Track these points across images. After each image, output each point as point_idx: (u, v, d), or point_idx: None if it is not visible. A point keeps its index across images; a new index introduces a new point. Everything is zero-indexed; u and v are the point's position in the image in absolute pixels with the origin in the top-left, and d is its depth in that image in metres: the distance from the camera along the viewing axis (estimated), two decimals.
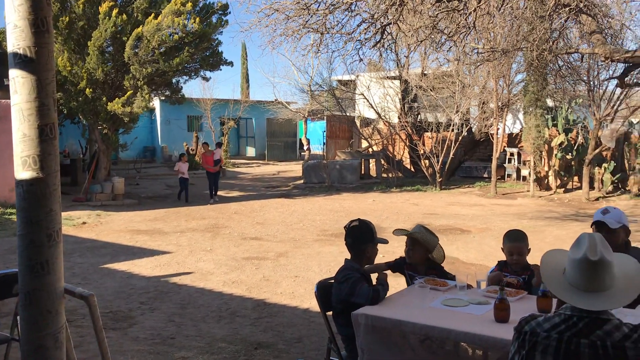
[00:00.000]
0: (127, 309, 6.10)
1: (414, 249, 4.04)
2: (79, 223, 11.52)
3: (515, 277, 3.81)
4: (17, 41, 2.93)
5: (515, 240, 3.87)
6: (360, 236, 3.77)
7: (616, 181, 15.95)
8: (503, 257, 3.97)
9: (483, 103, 18.54)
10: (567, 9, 7.72)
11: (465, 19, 7.52)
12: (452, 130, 18.02)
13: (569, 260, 2.20)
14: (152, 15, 13.99)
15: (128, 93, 14.29)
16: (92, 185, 14.98)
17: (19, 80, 2.99)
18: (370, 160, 20.68)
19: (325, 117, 24.11)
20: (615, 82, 12.71)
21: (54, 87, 3.10)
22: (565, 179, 16.83)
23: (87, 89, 14.00)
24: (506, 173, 19.31)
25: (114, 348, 4.81)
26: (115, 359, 4.55)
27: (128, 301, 6.40)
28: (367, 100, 19.57)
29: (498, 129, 17.89)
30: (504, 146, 19.35)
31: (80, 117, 16.02)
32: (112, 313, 5.93)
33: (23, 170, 2.98)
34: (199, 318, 5.80)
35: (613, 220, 3.64)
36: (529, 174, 16.61)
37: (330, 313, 3.80)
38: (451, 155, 17.90)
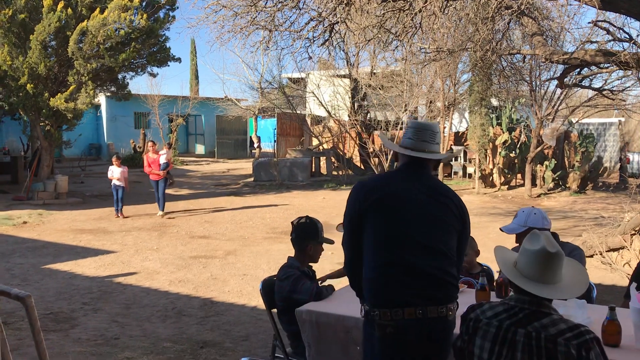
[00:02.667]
0: (69, 310, 5.93)
1: None
2: (20, 222, 11.12)
3: (469, 280, 3.86)
4: None
5: None
6: (305, 234, 3.78)
7: (557, 178, 16.55)
8: None
9: (430, 102, 18.89)
10: (509, 10, 7.95)
11: (412, 19, 7.64)
12: (401, 128, 18.29)
13: (523, 253, 2.29)
14: (98, 9, 13.61)
15: (71, 88, 13.87)
16: (34, 184, 14.45)
17: None
18: (321, 158, 20.75)
19: (275, 115, 24.06)
20: (555, 82, 13.18)
21: None
22: (509, 176, 17.34)
23: (29, 84, 13.50)
24: (452, 170, 19.73)
25: (55, 350, 4.68)
26: None
27: (70, 302, 6.23)
28: (318, 99, 19.63)
29: (445, 127, 18.26)
30: (451, 144, 19.77)
31: (21, 113, 15.46)
32: (54, 314, 5.77)
33: None
34: (144, 318, 5.70)
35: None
36: (474, 171, 17.03)
37: (275, 310, 3.80)
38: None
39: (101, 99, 26.45)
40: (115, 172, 11.99)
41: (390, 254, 2.59)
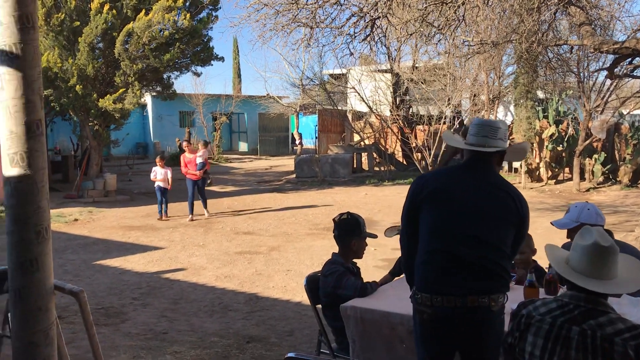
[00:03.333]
0: (119, 305, 6.11)
1: None
2: (71, 220, 11.49)
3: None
4: (3, 38, 2.92)
5: None
6: (348, 230, 3.79)
7: (607, 172, 16.05)
8: None
9: (474, 95, 18.58)
10: (555, 0, 7.75)
11: (455, 12, 7.54)
12: (444, 122, 18.06)
13: (575, 249, 2.24)
14: (143, 11, 13.93)
15: (120, 90, 14.24)
16: (84, 182, 14.92)
17: (5, 78, 2.98)
18: (362, 154, 20.69)
19: (317, 111, 24.11)
20: (604, 73, 12.77)
21: (40, 84, 3.09)
22: (557, 170, 16.91)
23: (78, 86, 13.93)
24: None
25: (106, 344, 4.83)
26: (108, 354, 4.56)
27: (120, 297, 6.41)
28: (359, 94, 19.57)
29: None
30: None
31: (71, 113, 15.96)
32: (104, 309, 5.94)
33: (11, 167, 2.98)
34: (192, 313, 5.82)
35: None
36: (521, 165, 16.67)
37: (320, 306, 3.82)
38: (443, 148, 17.95)
39: (147, 98, 27.07)
40: (158, 174, 11.74)
41: (438, 242, 2.69)
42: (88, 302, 3.31)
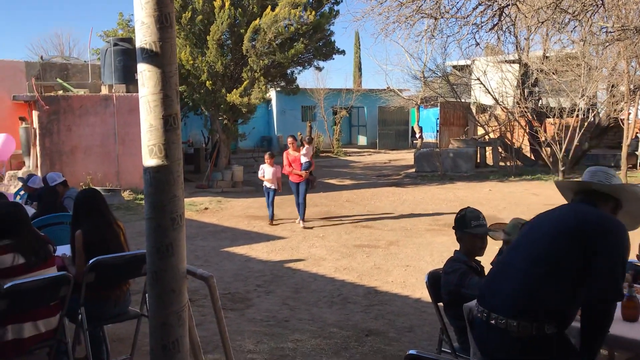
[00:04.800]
0: (244, 291, 6.38)
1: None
2: (202, 208, 12.19)
3: None
4: (144, 37, 3.12)
5: None
6: (464, 226, 3.67)
7: None
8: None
9: (612, 86, 17.17)
10: None
11: None
12: (577, 115, 16.89)
13: None
14: (269, 7, 14.41)
15: (245, 84, 14.85)
16: (214, 173, 15.79)
17: (145, 74, 3.19)
18: (487, 148, 19.95)
19: (438, 104, 23.58)
20: None
21: (176, 80, 3.28)
22: None
23: (208, 82, 14.72)
24: (638, 161, 17.81)
25: (232, 328, 5.05)
26: (233, 338, 4.78)
27: (245, 283, 6.69)
28: (484, 86, 18.85)
29: (629, 113, 16.51)
30: (637, 132, 17.84)
31: (203, 108, 16.89)
32: (231, 294, 6.23)
33: (150, 158, 3.19)
34: (312, 303, 5.94)
35: None
36: None
37: (441, 304, 3.73)
38: (575, 143, 16.81)
39: (272, 93, 27.99)
40: (266, 172, 10.48)
41: (505, 256, 2.86)
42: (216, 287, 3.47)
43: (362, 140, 32.73)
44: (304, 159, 10.41)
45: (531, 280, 2.54)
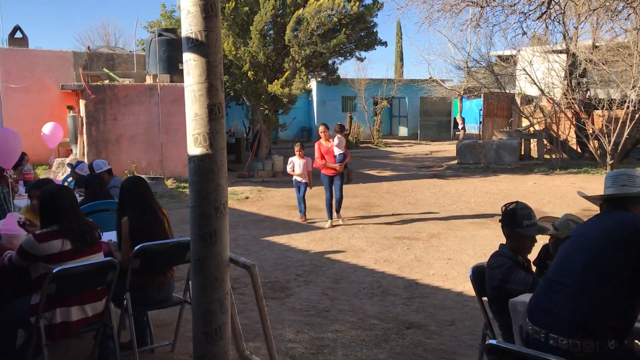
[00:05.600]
0: (284, 280, 6.41)
1: (555, 245, 3.72)
2: (242, 198, 12.30)
3: None
4: (190, 26, 3.14)
5: None
6: (510, 221, 3.57)
7: None
8: None
9: None
10: None
11: None
12: (627, 107, 16.31)
13: None
14: None
15: (286, 74, 14.88)
16: (254, 163, 15.92)
17: (191, 63, 3.21)
18: (531, 140, 19.49)
19: (482, 95, 23.13)
20: None
21: (221, 69, 3.28)
22: None
23: (250, 72, 14.81)
24: None
25: (272, 317, 5.08)
26: (273, 327, 4.80)
27: (285, 273, 6.72)
28: (529, 76, 18.39)
29: None
30: None
31: (244, 98, 17.02)
32: (271, 283, 6.27)
33: (194, 147, 3.21)
34: (352, 294, 5.92)
35: None
36: None
37: (485, 298, 3.65)
38: (625, 135, 16.23)
39: (312, 83, 27.98)
40: (296, 166, 9.68)
41: (552, 271, 2.79)
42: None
43: (403, 131, 32.44)
44: (337, 151, 9.46)
45: (587, 297, 2.48)
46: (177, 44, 14.34)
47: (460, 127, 27.91)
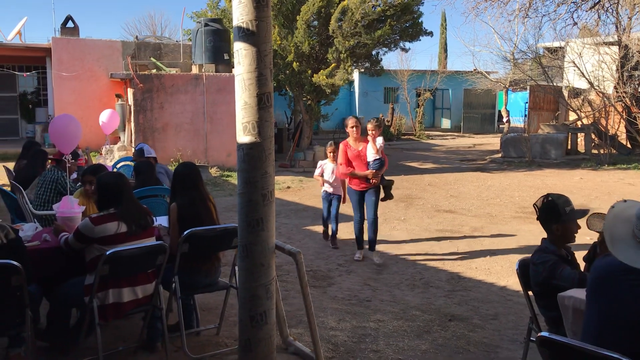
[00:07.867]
0: (326, 269, 6.46)
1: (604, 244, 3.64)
2: (284, 187, 12.41)
3: None
4: (241, 15, 3.19)
5: None
6: (547, 214, 3.51)
7: None
8: None
9: None
10: None
11: None
12: None
13: None
14: None
15: (332, 65, 14.87)
16: (296, 153, 16.02)
17: (241, 52, 3.26)
18: (579, 134, 18.98)
19: (528, 88, 22.61)
20: None
21: (271, 59, 3.33)
22: None
23: (294, 62, 14.86)
24: None
25: (315, 304, 5.12)
26: (316, 314, 4.84)
27: (327, 262, 6.77)
28: (578, 69, 17.89)
29: None
30: None
31: (287, 88, 17.09)
32: (313, 272, 6.33)
33: (243, 135, 3.27)
34: (393, 284, 5.93)
35: None
36: None
37: (531, 293, 3.61)
38: None
39: (354, 74, 27.87)
40: (326, 171, 7.44)
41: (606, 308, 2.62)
42: None
43: (446, 123, 32.05)
44: (371, 155, 6.70)
45: None
46: (223, 34, 14.52)
47: (505, 120, 27.37)
